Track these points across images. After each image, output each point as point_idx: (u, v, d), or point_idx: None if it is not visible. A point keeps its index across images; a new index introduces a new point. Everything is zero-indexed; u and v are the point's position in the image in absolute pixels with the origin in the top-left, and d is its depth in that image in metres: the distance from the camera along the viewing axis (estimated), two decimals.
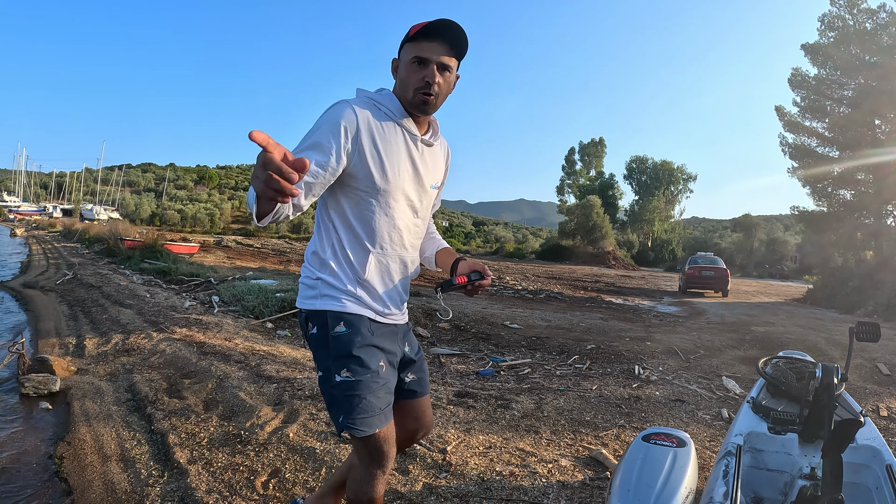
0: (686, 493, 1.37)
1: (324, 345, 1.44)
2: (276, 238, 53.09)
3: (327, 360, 1.43)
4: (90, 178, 73.74)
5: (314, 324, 1.46)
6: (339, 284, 1.44)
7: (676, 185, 51.14)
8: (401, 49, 1.47)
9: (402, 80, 1.45)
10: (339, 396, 1.41)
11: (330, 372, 1.42)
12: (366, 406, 1.40)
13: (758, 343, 6.69)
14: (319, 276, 1.46)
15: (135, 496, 2.24)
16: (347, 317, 1.43)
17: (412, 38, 1.42)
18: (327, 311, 1.43)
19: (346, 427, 1.40)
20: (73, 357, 4.48)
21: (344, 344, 1.42)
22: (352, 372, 1.41)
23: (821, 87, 17.68)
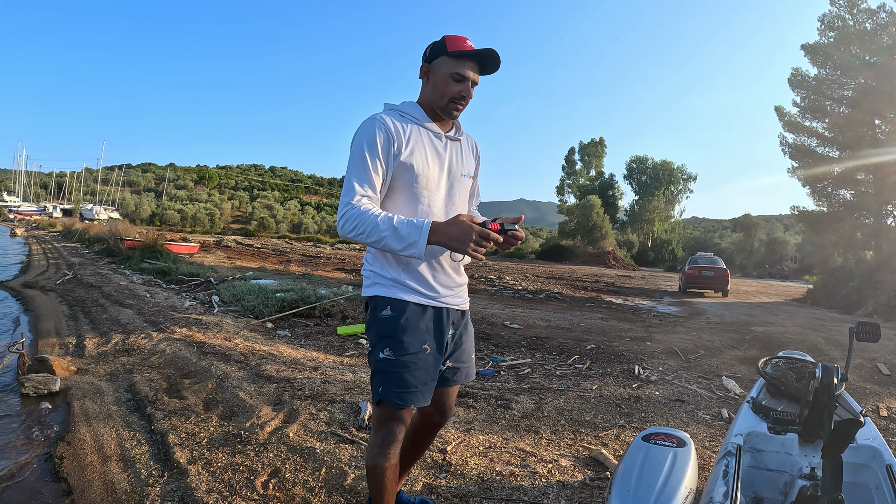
0: (686, 493, 1.37)
1: (373, 325, 1.63)
2: (276, 238, 53.09)
3: (376, 337, 1.62)
4: (90, 178, 73.73)
5: (369, 306, 1.66)
6: (386, 273, 1.63)
7: (676, 185, 51.14)
8: (434, 57, 1.63)
9: (437, 88, 1.62)
10: (380, 370, 1.60)
11: (376, 348, 1.62)
12: (402, 382, 1.58)
13: (758, 343, 6.69)
14: (372, 268, 1.66)
15: (135, 496, 2.24)
16: (393, 302, 1.61)
17: (454, 55, 1.59)
18: (377, 297, 1.63)
19: (383, 397, 1.58)
20: (73, 357, 4.48)
21: (388, 326, 1.60)
22: (392, 351, 1.59)
23: (821, 87, 17.67)
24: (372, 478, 1.67)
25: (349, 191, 1.54)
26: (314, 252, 27.44)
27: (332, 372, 4.11)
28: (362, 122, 1.60)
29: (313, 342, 5.53)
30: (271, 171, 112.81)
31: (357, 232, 1.49)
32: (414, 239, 1.47)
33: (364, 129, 1.58)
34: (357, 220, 1.49)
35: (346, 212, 1.51)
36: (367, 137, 1.56)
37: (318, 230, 68.34)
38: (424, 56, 1.67)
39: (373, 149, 1.55)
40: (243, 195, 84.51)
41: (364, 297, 1.69)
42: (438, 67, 1.61)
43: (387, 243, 1.48)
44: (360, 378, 3.97)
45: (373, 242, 1.50)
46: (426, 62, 1.65)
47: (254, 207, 75.89)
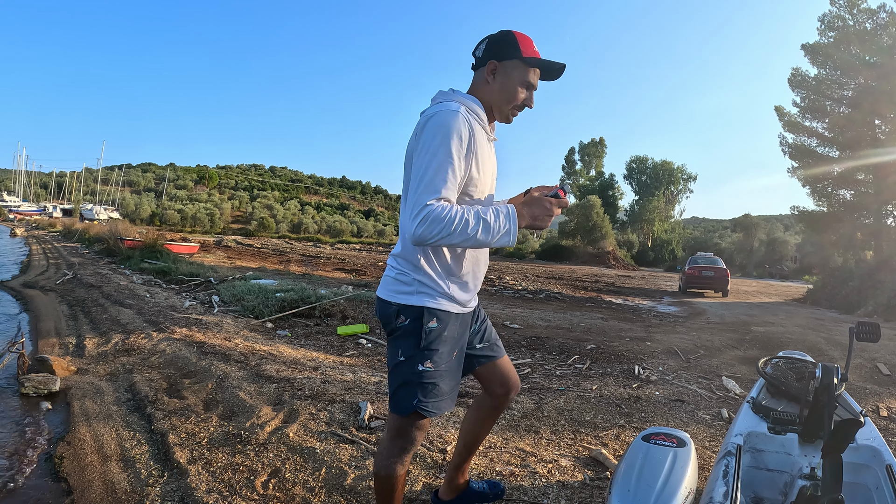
0: (686, 493, 1.37)
1: (415, 335, 1.55)
2: (276, 238, 53.10)
3: (415, 349, 1.55)
4: (90, 178, 73.73)
5: (407, 316, 1.56)
6: (434, 285, 1.56)
7: (676, 185, 51.16)
8: (505, 56, 1.55)
9: (505, 91, 1.56)
10: (416, 382, 1.56)
11: (414, 360, 1.56)
12: (440, 391, 1.58)
13: (758, 343, 6.69)
14: (416, 277, 1.56)
15: (135, 496, 2.24)
16: (439, 313, 1.57)
17: (529, 61, 1.55)
18: (423, 308, 1.55)
19: (419, 409, 1.56)
20: (73, 357, 4.48)
21: (433, 338, 1.56)
22: (434, 364, 1.57)
23: (821, 87, 17.68)
24: (386, 486, 1.65)
25: (432, 190, 1.39)
26: (314, 252, 27.45)
27: (332, 372, 4.11)
28: (445, 114, 1.44)
29: (313, 342, 5.53)
30: (271, 171, 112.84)
31: (441, 235, 1.36)
32: (507, 227, 1.42)
33: (451, 124, 1.43)
34: (442, 224, 1.36)
35: (428, 214, 1.36)
36: (455, 134, 1.43)
37: (318, 230, 68.35)
38: (491, 51, 1.56)
39: (458, 149, 1.43)
40: (243, 195, 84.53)
41: (399, 303, 1.56)
42: (509, 70, 1.55)
43: (476, 240, 1.40)
44: (360, 378, 3.96)
45: (459, 243, 1.40)
46: (495, 59, 1.55)
47: (254, 207, 75.92)
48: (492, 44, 1.57)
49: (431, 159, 1.41)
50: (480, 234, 1.39)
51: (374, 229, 75.86)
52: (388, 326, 1.61)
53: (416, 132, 1.50)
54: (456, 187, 1.44)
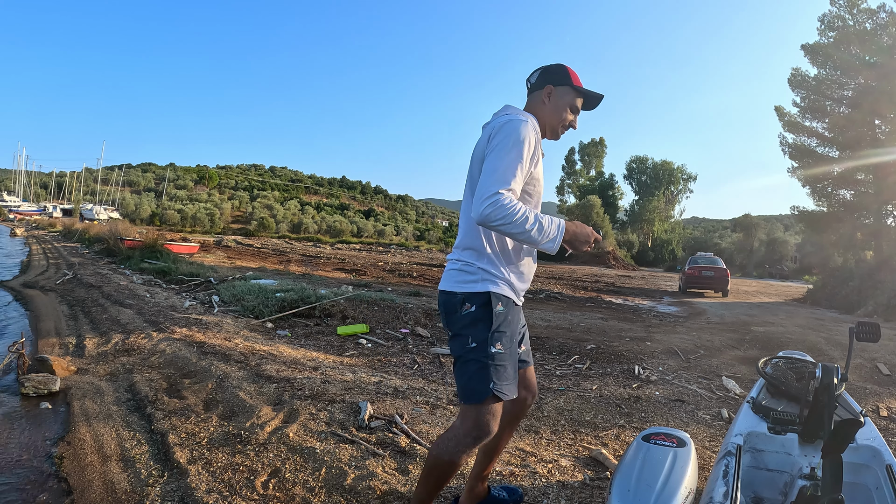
0: (686, 493, 1.37)
1: (484, 320, 1.67)
2: (276, 238, 53.11)
3: (485, 332, 1.66)
4: (90, 178, 73.70)
5: (473, 303, 1.68)
6: (497, 272, 1.71)
7: (676, 185, 51.16)
8: (559, 83, 1.82)
9: (557, 112, 1.82)
10: (491, 364, 1.65)
11: (486, 343, 1.66)
12: (508, 374, 1.69)
13: (758, 343, 6.69)
14: (481, 266, 1.71)
15: (135, 496, 2.24)
16: (504, 298, 1.71)
17: (578, 90, 1.83)
18: (490, 293, 1.68)
19: (494, 391, 1.64)
20: (73, 357, 4.48)
21: (501, 321, 1.69)
22: (503, 345, 1.68)
23: (821, 87, 17.67)
24: (445, 472, 1.72)
25: (503, 181, 1.56)
26: (314, 252, 27.44)
27: (332, 372, 4.11)
28: (518, 121, 1.65)
29: (313, 342, 5.53)
30: (271, 171, 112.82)
31: (504, 221, 1.52)
32: (554, 235, 1.61)
33: (523, 130, 1.64)
34: (508, 210, 1.52)
35: (498, 200, 1.53)
36: (527, 140, 1.64)
37: (318, 230, 68.35)
38: (547, 78, 1.82)
39: (527, 153, 1.63)
40: (243, 195, 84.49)
41: (464, 292, 1.69)
42: (562, 95, 1.81)
43: (529, 236, 1.57)
44: (360, 378, 3.97)
45: (515, 234, 1.56)
46: (551, 84, 1.81)
47: (254, 207, 75.90)
48: (547, 72, 1.84)
49: (505, 156, 1.60)
50: (534, 232, 1.57)
51: (374, 229, 75.84)
52: (454, 317, 1.71)
53: (490, 134, 1.68)
54: (521, 183, 1.63)
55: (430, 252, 44.00)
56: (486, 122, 1.81)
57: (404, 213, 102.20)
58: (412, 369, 4.61)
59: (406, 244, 61.22)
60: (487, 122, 1.79)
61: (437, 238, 75.84)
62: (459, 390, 1.71)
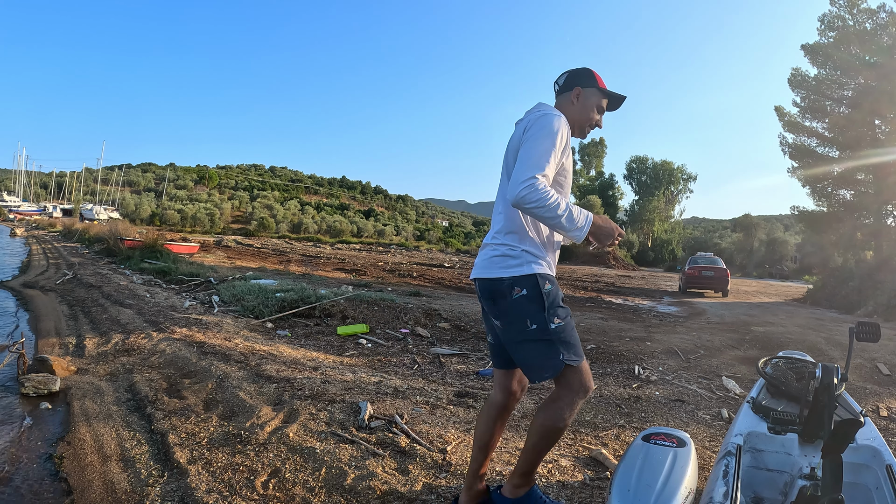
0: (686, 493, 1.37)
1: (537, 301, 1.76)
2: (276, 238, 53.11)
3: (541, 312, 1.75)
4: (90, 178, 73.67)
5: (522, 286, 1.76)
6: (539, 254, 1.81)
7: (676, 185, 51.14)
8: (586, 85, 1.94)
9: (584, 112, 1.94)
10: (555, 340, 1.75)
11: (545, 321, 1.75)
12: (575, 342, 1.79)
13: (758, 343, 6.69)
14: (525, 248, 1.80)
15: (135, 496, 2.24)
16: (549, 277, 1.81)
17: (603, 91, 1.96)
18: (537, 274, 1.77)
19: (569, 361, 1.74)
20: (73, 357, 4.48)
21: (553, 298, 1.79)
22: (561, 318, 1.78)
23: (821, 87, 17.67)
24: (554, 437, 1.83)
25: (538, 167, 1.66)
26: (314, 252, 27.44)
27: (332, 372, 4.11)
28: (553, 115, 1.77)
29: (313, 342, 5.53)
30: (271, 171, 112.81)
31: (538, 204, 1.61)
32: (582, 224, 1.70)
33: (558, 124, 1.76)
34: (542, 194, 1.62)
35: (533, 183, 1.62)
36: (560, 132, 1.75)
37: (318, 230, 68.34)
38: (576, 80, 1.95)
39: (560, 144, 1.75)
40: (243, 195, 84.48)
41: (511, 276, 1.77)
42: (589, 96, 1.94)
43: (559, 221, 1.66)
44: (360, 378, 3.97)
45: (547, 217, 1.65)
46: (580, 86, 1.94)
47: (254, 207, 75.89)
48: (575, 75, 1.97)
49: (540, 144, 1.71)
50: (564, 218, 1.66)
51: (374, 229, 75.82)
52: (504, 302, 1.79)
53: (525, 126, 1.79)
54: (554, 170, 1.72)
55: (430, 252, 43.99)
56: (518, 119, 1.92)
57: (404, 213, 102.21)
58: (412, 369, 4.61)
59: (406, 244, 61.21)
60: (520, 119, 1.90)
61: (437, 238, 75.81)
62: (528, 370, 1.80)
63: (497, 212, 1.89)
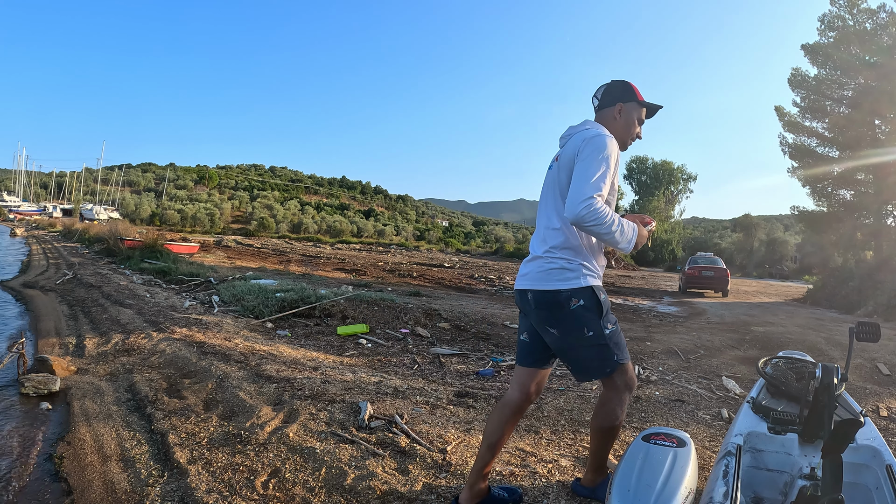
0: (686, 493, 1.37)
1: (594, 310, 1.92)
2: (276, 238, 53.12)
3: (598, 319, 1.92)
4: (90, 178, 73.65)
5: (580, 297, 1.91)
6: (593, 266, 1.97)
7: (676, 185, 51.10)
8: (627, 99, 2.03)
9: (627, 127, 2.04)
10: (611, 343, 1.92)
11: (601, 328, 1.91)
12: (624, 345, 1.99)
13: (758, 343, 6.69)
14: (581, 262, 1.94)
15: (135, 496, 2.24)
16: (601, 288, 1.97)
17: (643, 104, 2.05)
18: (593, 286, 1.94)
19: (622, 361, 1.94)
20: (73, 357, 4.48)
21: (607, 306, 1.96)
22: (612, 324, 1.96)
23: (821, 87, 17.66)
24: (614, 434, 2.05)
25: (595, 187, 1.78)
26: (314, 252, 27.44)
27: (332, 372, 4.11)
28: (606, 136, 1.87)
29: (313, 342, 5.53)
30: (271, 171, 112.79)
31: (596, 222, 1.74)
32: (631, 237, 1.86)
33: (612, 145, 1.87)
34: (600, 214, 1.75)
35: (591, 203, 1.75)
36: (613, 154, 1.86)
37: (318, 230, 68.33)
38: (617, 95, 2.04)
39: (613, 164, 1.86)
40: (243, 195, 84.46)
41: (570, 288, 1.91)
42: (630, 111, 2.03)
43: (613, 237, 1.80)
44: (360, 378, 3.96)
45: (603, 234, 1.78)
46: (621, 102, 2.03)
47: (254, 207, 75.87)
48: (614, 90, 2.05)
49: (597, 166, 1.80)
50: (617, 235, 1.80)
51: (374, 229, 75.80)
52: (561, 312, 1.91)
53: (579, 146, 1.88)
54: (607, 191, 1.85)
55: (430, 252, 43.99)
56: (563, 134, 2.04)
57: (404, 213, 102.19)
58: (412, 369, 4.61)
59: (406, 244, 61.20)
60: (566, 134, 2.02)
61: (437, 238, 75.79)
62: (582, 371, 1.96)
63: (549, 227, 1.99)
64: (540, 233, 2.04)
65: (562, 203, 1.91)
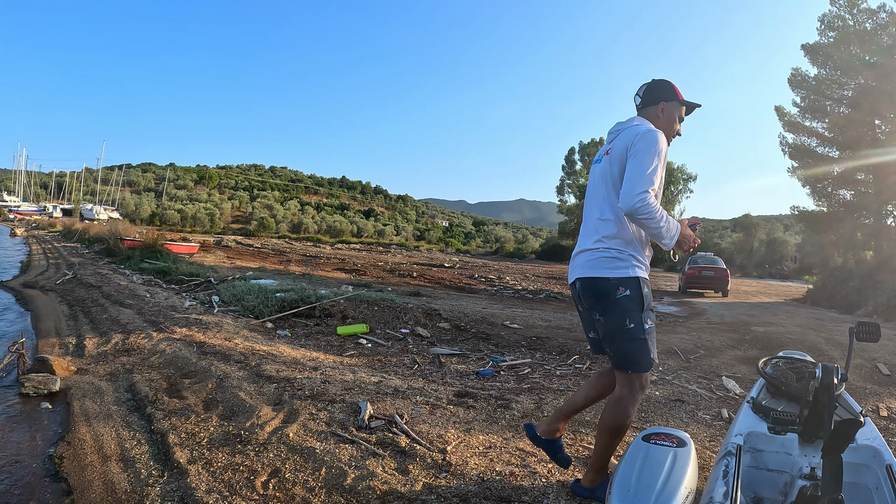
0: (686, 493, 1.37)
1: (637, 301, 1.96)
2: (276, 238, 53.11)
3: (640, 312, 1.97)
4: (90, 178, 73.62)
5: (626, 287, 1.96)
6: (641, 259, 2.02)
7: (676, 185, 51.06)
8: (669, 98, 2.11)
9: (669, 124, 2.11)
10: (646, 340, 1.97)
11: (642, 321, 1.97)
12: (655, 345, 2.02)
13: (758, 343, 6.69)
14: (631, 253, 2.00)
15: (135, 496, 2.24)
16: (647, 282, 2.02)
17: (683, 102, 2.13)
18: (639, 278, 1.99)
19: (654, 360, 2.00)
20: (73, 357, 4.48)
21: (649, 301, 2.00)
22: (652, 321, 2.02)
23: (821, 87, 17.66)
24: (622, 433, 2.07)
25: (649, 181, 1.87)
26: (314, 252, 27.43)
27: (332, 372, 4.11)
28: (657, 132, 1.96)
29: (313, 342, 5.53)
30: (271, 171, 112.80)
31: (649, 215, 1.84)
32: (674, 234, 1.93)
33: (662, 141, 1.95)
34: (653, 207, 1.85)
35: (645, 197, 1.85)
36: (662, 149, 1.94)
37: (318, 230, 68.33)
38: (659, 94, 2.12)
39: (663, 159, 1.94)
40: (243, 195, 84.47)
41: (618, 277, 1.97)
42: (672, 109, 2.11)
43: (661, 231, 1.89)
44: (360, 378, 3.96)
45: (652, 227, 1.88)
46: (664, 101, 2.11)
47: (254, 207, 75.88)
48: (656, 89, 2.13)
49: (649, 161, 1.90)
50: (664, 229, 1.89)
51: (374, 229, 75.80)
52: (607, 300, 1.98)
53: (632, 140, 1.95)
54: (658, 185, 1.92)
55: (430, 252, 43.99)
56: (611, 129, 2.12)
57: (404, 213, 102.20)
58: (412, 369, 4.61)
59: (406, 244, 61.20)
60: (615, 129, 2.10)
61: (437, 238, 75.77)
62: (619, 361, 2.01)
63: (601, 218, 2.05)
64: (590, 224, 2.09)
65: (614, 195, 1.98)
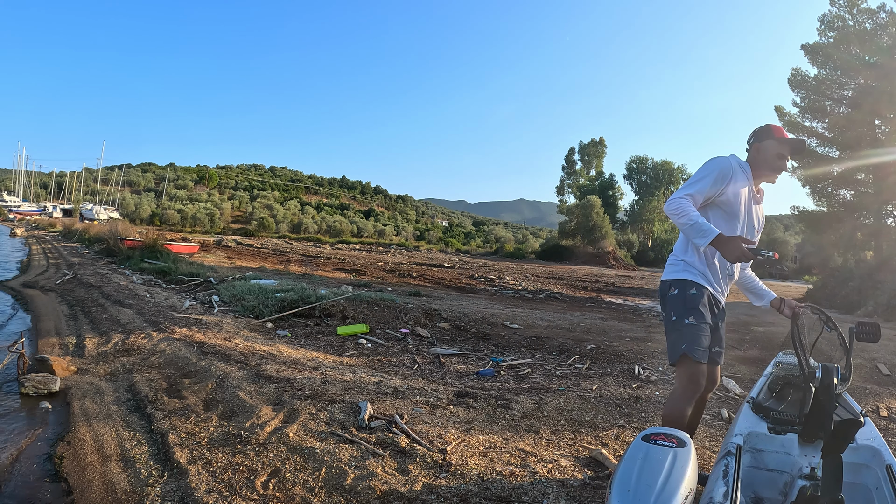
0: (686, 493, 1.37)
1: (681, 299, 2.21)
2: (276, 238, 53.12)
3: (682, 308, 2.20)
4: (90, 178, 73.61)
5: (675, 287, 2.25)
6: (694, 263, 2.26)
7: (676, 185, 51.06)
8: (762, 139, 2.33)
9: (764, 162, 2.31)
10: (685, 333, 2.15)
11: (682, 316, 2.18)
12: (700, 342, 2.14)
13: (758, 343, 6.69)
14: (683, 258, 2.29)
15: (135, 496, 2.24)
16: (697, 284, 2.23)
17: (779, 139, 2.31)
18: (686, 280, 2.24)
19: (687, 352, 2.11)
20: (73, 357, 4.48)
21: (694, 300, 2.20)
22: (695, 319, 2.17)
23: (821, 87, 17.65)
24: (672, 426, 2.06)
25: (687, 188, 2.18)
26: (314, 252, 27.43)
27: (332, 372, 4.11)
28: (716, 158, 2.26)
29: (313, 342, 5.53)
30: (271, 171, 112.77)
31: (673, 212, 2.12)
32: (703, 235, 2.07)
33: (716, 162, 2.23)
34: (677, 206, 2.12)
35: (675, 199, 2.15)
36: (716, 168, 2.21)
37: (318, 230, 68.33)
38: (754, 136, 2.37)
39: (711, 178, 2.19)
40: (243, 195, 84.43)
41: (671, 279, 2.28)
42: (766, 148, 2.31)
43: (687, 229, 2.10)
44: (360, 378, 3.96)
45: (680, 224, 2.12)
46: (757, 142, 2.34)
47: (254, 207, 75.85)
48: (753, 132, 2.40)
49: (697, 176, 2.23)
50: (687, 228, 2.10)
51: (374, 229, 75.76)
52: (665, 299, 2.30)
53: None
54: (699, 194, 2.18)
55: (430, 252, 43.99)
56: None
57: (404, 213, 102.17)
58: (412, 369, 4.61)
59: (406, 244, 61.19)
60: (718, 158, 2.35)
61: (437, 238, 75.76)
62: (669, 353, 2.21)
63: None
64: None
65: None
